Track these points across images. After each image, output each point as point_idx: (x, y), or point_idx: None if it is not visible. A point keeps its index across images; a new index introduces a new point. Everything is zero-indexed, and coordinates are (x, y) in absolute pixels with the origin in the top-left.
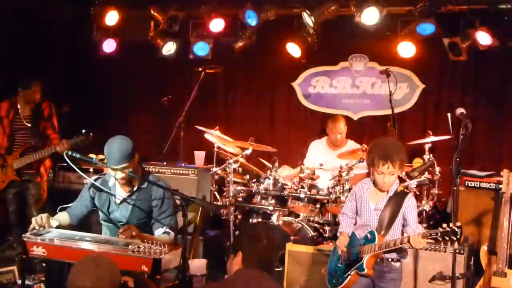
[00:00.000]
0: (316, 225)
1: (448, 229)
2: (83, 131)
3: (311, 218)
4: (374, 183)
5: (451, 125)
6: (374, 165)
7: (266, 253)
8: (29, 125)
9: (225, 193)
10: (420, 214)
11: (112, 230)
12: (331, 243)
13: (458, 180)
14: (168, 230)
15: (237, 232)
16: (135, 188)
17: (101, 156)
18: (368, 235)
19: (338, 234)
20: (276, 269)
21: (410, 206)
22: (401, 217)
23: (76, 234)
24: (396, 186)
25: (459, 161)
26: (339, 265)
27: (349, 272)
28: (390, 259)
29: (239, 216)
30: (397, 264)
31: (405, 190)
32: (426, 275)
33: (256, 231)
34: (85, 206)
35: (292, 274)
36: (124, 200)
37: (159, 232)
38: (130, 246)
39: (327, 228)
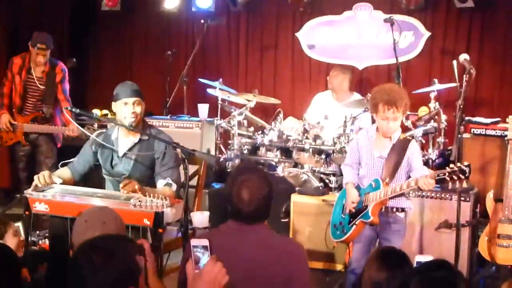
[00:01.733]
0: (322, 175)
1: (456, 168)
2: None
3: (317, 169)
4: (377, 130)
5: (457, 73)
6: (377, 111)
7: (246, 209)
8: (42, 87)
9: (230, 146)
10: (426, 162)
11: (116, 184)
12: (336, 193)
13: (462, 127)
14: (170, 181)
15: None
16: (137, 140)
17: (104, 111)
18: (373, 183)
19: (343, 185)
20: (282, 220)
21: (414, 152)
22: (406, 163)
23: (78, 190)
24: (398, 133)
25: (463, 108)
26: (343, 216)
27: (354, 222)
28: (394, 209)
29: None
30: (402, 215)
31: (407, 137)
32: (431, 224)
33: (237, 183)
34: (87, 162)
35: (297, 225)
36: (126, 153)
37: (161, 184)
38: (131, 200)
39: (332, 178)
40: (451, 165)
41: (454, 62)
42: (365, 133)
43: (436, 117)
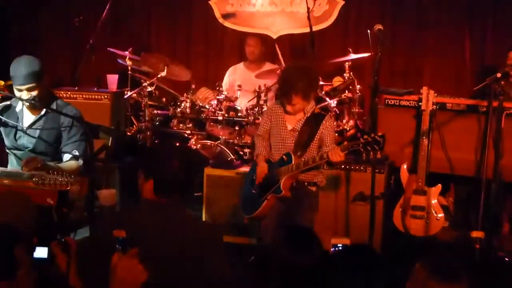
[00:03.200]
0: (236, 147)
1: (369, 139)
2: None
3: (230, 141)
4: None
5: (371, 42)
6: (282, 94)
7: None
8: None
9: (141, 117)
10: (341, 133)
11: (20, 156)
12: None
13: (376, 99)
14: (76, 154)
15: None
16: (43, 112)
17: (9, 82)
18: (284, 157)
19: (254, 157)
20: (195, 194)
21: (327, 128)
22: (318, 138)
23: None
24: (313, 107)
25: (377, 79)
26: (254, 191)
27: (265, 197)
28: (306, 183)
29: (156, 141)
30: (314, 189)
31: (322, 112)
32: (346, 196)
33: (167, 154)
34: None
35: (210, 199)
36: (31, 125)
37: (67, 157)
38: (34, 179)
39: (246, 150)
40: (365, 136)
41: (369, 31)
42: (279, 104)
43: (351, 87)
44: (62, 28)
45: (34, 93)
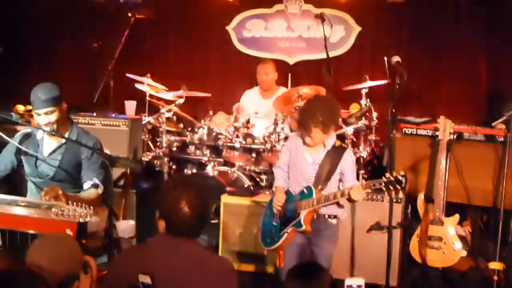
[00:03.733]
0: (252, 174)
1: (392, 178)
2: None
3: (247, 168)
4: None
5: (388, 69)
6: (302, 126)
7: (187, 220)
8: None
9: (158, 143)
10: (357, 160)
11: (38, 186)
12: (267, 192)
13: (394, 131)
14: (97, 182)
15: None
16: (63, 141)
17: (29, 107)
18: (305, 190)
19: (273, 189)
20: (212, 221)
21: (348, 162)
22: (339, 172)
23: None
24: (333, 140)
25: (395, 112)
26: (274, 223)
27: (285, 230)
28: (326, 216)
29: (174, 167)
30: (334, 221)
31: (343, 145)
32: (363, 226)
33: (176, 197)
34: (10, 162)
35: (227, 226)
36: (52, 153)
37: (87, 185)
38: (53, 209)
39: (263, 177)
40: (387, 174)
41: (385, 58)
42: (299, 136)
43: (367, 114)
44: (80, 54)
45: (53, 117)
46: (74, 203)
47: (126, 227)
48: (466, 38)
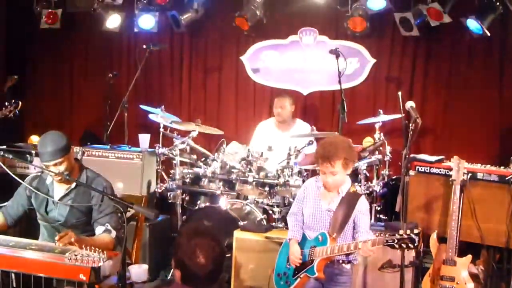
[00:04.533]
0: (265, 206)
1: (405, 236)
2: (13, 101)
3: (260, 200)
4: None
5: (402, 105)
6: (318, 163)
7: (203, 271)
8: None
9: (171, 175)
10: (370, 194)
11: (50, 230)
12: (280, 225)
13: (408, 177)
14: (109, 228)
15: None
16: (73, 186)
17: None
18: (320, 237)
19: (287, 240)
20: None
21: (362, 210)
22: (353, 219)
23: (10, 240)
24: (348, 186)
25: (409, 158)
26: (288, 267)
27: (298, 275)
28: (341, 261)
29: (187, 198)
30: (348, 266)
31: (357, 192)
32: (375, 264)
33: (191, 248)
34: (21, 206)
35: (240, 262)
36: (62, 199)
37: (99, 230)
38: (67, 254)
39: (276, 209)
40: (401, 232)
41: (399, 93)
42: (313, 182)
43: (381, 148)
44: (96, 85)
45: (62, 167)
46: (88, 248)
47: (139, 271)
48: (479, 74)
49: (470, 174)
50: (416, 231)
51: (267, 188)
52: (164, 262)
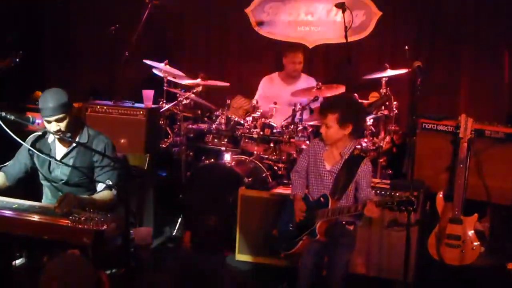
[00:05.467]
0: (270, 162)
1: (403, 198)
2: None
3: (265, 157)
4: None
5: (408, 58)
6: (320, 112)
7: None
8: None
9: (176, 130)
10: (376, 149)
11: (53, 190)
12: (285, 181)
13: (414, 138)
14: (110, 184)
15: None
16: (74, 144)
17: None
18: (322, 199)
19: (291, 196)
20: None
21: (364, 171)
22: (355, 181)
23: (13, 202)
24: (351, 149)
25: (415, 118)
26: (291, 228)
27: (300, 237)
28: (343, 222)
29: (191, 154)
30: (351, 228)
31: (361, 154)
32: (381, 222)
33: None
34: (24, 165)
35: (244, 219)
36: (64, 157)
37: (100, 187)
38: (70, 217)
39: (281, 165)
40: (399, 193)
41: (407, 47)
42: (319, 142)
43: (387, 103)
44: (98, 40)
45: (63, 124)
46: (91, 210)
47: (143, 233)
48: (487, 31)
49: (477, 132)
50: (415, 193)
51: (272, 144)
52: (169, 219)
